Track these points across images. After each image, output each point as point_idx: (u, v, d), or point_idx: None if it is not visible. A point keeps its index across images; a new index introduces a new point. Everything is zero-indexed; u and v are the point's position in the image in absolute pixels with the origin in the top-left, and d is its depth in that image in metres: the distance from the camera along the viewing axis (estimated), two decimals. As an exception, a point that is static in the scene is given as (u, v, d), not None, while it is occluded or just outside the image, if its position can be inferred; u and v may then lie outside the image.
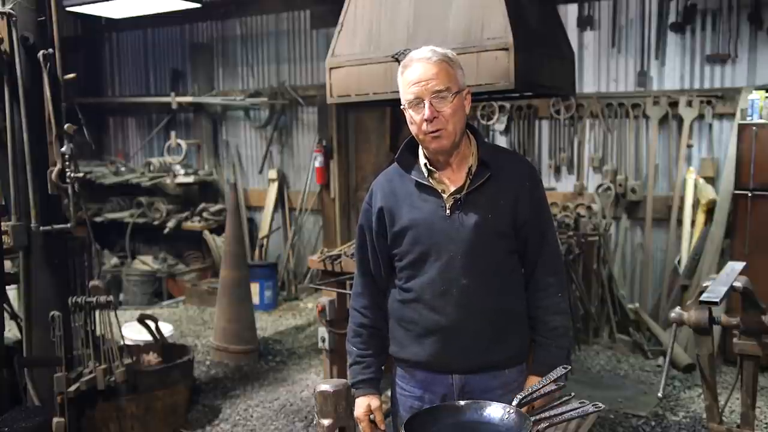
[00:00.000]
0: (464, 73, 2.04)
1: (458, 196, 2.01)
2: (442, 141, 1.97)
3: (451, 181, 2.04)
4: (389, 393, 2.26)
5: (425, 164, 2.05)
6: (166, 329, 4.99)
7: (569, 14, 6.02)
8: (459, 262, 2.01)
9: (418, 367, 2.12)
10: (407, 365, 2.16)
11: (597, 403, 1.75)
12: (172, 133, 8.11)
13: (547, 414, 1.75)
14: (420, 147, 2.08)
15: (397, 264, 2.11)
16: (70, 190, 3.48)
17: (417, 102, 1.96)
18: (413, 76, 1.96)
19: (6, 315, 3.65)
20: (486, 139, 2.18)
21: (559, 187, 6.22)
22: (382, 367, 2.24)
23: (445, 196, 2.03)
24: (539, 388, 1.87)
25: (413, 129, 2.01)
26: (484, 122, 6.32)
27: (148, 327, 4.54)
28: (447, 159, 2.04)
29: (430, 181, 2.04)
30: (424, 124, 1.95)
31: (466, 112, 2.02)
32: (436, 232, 2.01)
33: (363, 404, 2.15)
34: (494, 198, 2.02)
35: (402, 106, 2.02)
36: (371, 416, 2.16)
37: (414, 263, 2.06)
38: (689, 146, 5.66)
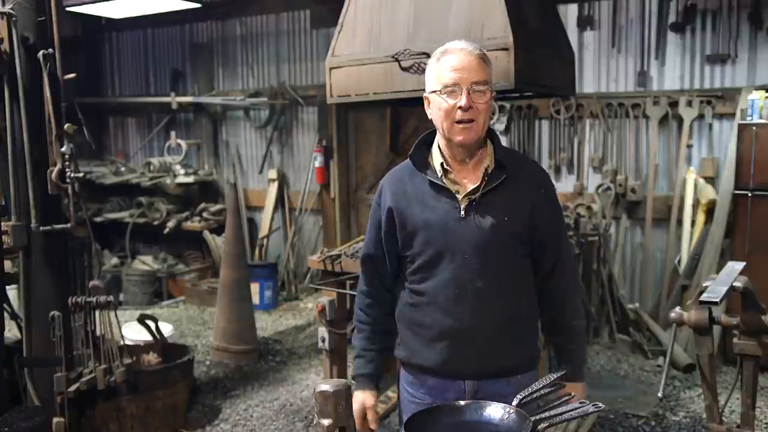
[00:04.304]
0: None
1: (473, 197, 1.98)
2: (470, 133, 1.94)
3: (466, 182, 2.02)
4: (389, 393, 2.26)
5: (441, 163, 2.02)
6: (166, 329, 4.99)
7: (569, 14, 6.02)
8: (473, 264, 1.98)
9: (429, 373, 2.09)
10: (418, 371, 2.12)
11: (597, 403, 1.75)
12: (172, 133, 8.11)
13: (547, 414, 1.75)
14: (435, 145, 2.05)
15: (409, 266, 2.08)
16: (70, 190, 3.48)
17: (453, 88, 1.92)
18: (453, 63, 1.93)
19: (6, 315, 3.65)
20: None
21: (559, 187, 6.21)
22: (382, 364, 2.22)
23: (459, 196, 2.00)
24: (539, 388, 1.87)
25: (439, 116, 1.96)
26: (484, 122, 6.32)
27: (148, 327, 4.54)
28: (465, 157, 2.01)
29: (444, 181, 2.01)
30: (458, 112, 1.91)
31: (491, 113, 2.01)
32: (450, 233, 1.98)
33: (357, 400, 2.12)
34: (510, 200, 2.00)
35: (430, 92, 1.98)
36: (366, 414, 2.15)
37: (426, 265, 2.03)
38: (689, 146, 5.66)
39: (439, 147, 2.05)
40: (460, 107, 1.91)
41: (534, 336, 2.13)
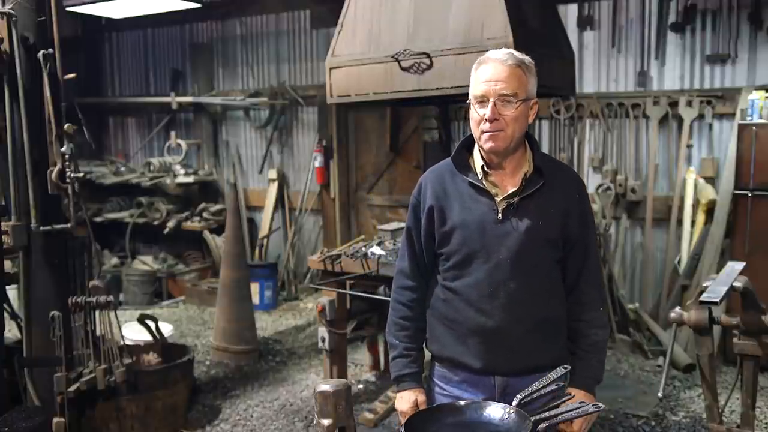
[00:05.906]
0: (536, 81, 2.05)
1: (511, 200, 2.03)
2: (497, 142, 1.99)
3: (505, 185, 2.06)
4: (389, 393, 2.27)
5: (482, 166, 2.07)
6: (166, 329, 4.99)
7: (569, 14, 6.02)
8: (507, 266, 2.02)
9: (460, 367, 2.13)
10: (449, 364, 2.16)
11: (597, 403, 1.75)
12: (172, 133, 8.11)
13: (547, 414, 1.75)
14: (476, 148, 2.10)
15: (443, 263, 2.12)
16: (70, 190, 3.48)
17: (482, 100, 1.98)
18: (485, 75, 1.99)
19: (6, 315, 3.65)
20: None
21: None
22: (423, 362, 2.25)
23: (498, 199, 2.04)
24: (539, 388, 1.88)
25: (472, 125, 2.04)
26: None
27: (148, 327, 4.54)
28: (500, 161, 2.05)
29: (484, 183, 2.06)
30: (485, 123, 1.98)
31: (528, 121, 2.04)
32: (486, 234, 2.03)
33: (410, 398, 2.17)
34: (545, 206, 2.04)
35: (468, 101, 2.05)
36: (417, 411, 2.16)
37: (461, 264, 2.07)
38: (689, 146, 5.66)
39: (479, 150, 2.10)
40: (486, 119, 1.97)
41: (564, 335, 2.15)
